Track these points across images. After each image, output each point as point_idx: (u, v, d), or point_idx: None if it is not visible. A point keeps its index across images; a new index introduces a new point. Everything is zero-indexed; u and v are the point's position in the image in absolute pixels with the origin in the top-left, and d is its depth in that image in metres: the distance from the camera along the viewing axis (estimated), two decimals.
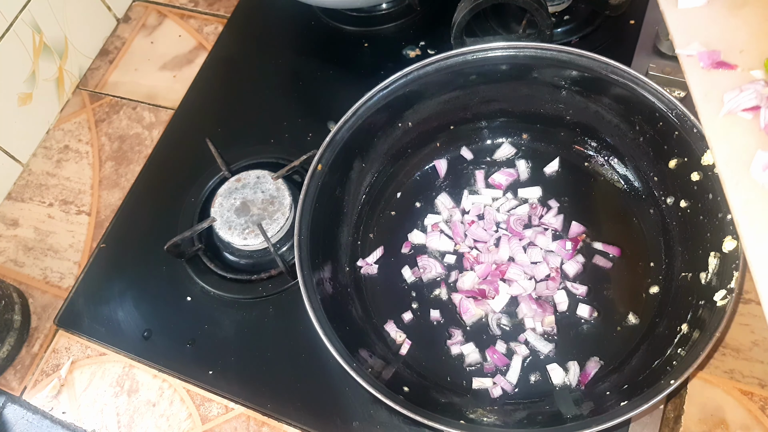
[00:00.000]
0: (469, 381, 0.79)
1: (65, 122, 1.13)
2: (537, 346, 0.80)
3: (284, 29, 1.14)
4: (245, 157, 1.00)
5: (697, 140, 0.73)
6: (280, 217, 0.90)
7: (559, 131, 0.90)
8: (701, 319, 0.69)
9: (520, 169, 0.91)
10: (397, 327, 0.84)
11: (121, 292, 0.94)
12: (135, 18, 1.23)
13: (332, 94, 1.05)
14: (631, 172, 0.87)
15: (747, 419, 0.75)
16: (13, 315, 0.93)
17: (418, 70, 0.83)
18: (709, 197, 0.73)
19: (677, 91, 0.91)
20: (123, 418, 0.87)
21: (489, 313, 0.82)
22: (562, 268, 0.83)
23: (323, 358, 0.79)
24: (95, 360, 0.92)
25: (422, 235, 0.88)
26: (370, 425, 0.79)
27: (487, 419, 0.75)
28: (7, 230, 1.05)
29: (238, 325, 0.89)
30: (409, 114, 0.88)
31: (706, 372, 0.78)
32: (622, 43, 0.98)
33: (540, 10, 0.87)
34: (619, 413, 0.65)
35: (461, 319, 0.82)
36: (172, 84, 1.13)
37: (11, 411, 0.90)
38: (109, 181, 1.06)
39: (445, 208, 0.90)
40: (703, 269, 0.73)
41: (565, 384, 0.77)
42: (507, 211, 0.89)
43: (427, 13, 1.09)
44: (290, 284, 0.89)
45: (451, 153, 0.94)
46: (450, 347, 0.81)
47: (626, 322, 0.80)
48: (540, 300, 0.82)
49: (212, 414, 0.86)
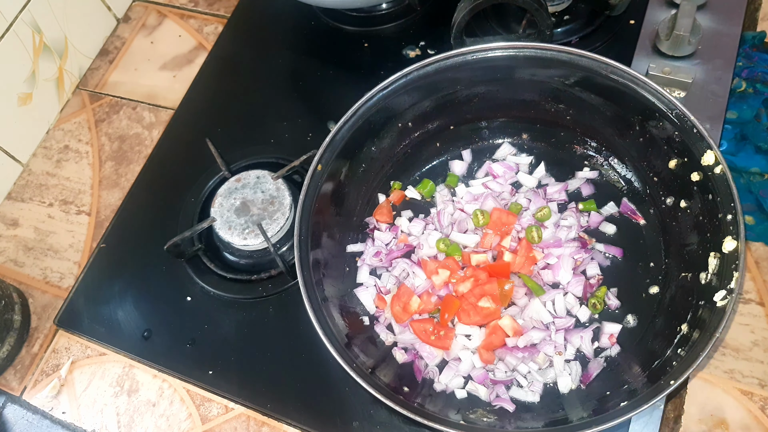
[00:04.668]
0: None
1: (65, 122, 1.13)
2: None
3: (284, 29, 1.14)
4: (245, 157, 1.00)
5: (697, 140, 0.73)
6: (280, 217, 0.90)
7: (559, 131, 0.90)
8: (701, 319, 0.69)
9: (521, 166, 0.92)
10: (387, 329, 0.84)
11: (121, 292, 0.94)
12: (135, 18, 1.23)
13: (332, 94, 1.05)
14: (631, 172, 0.87)
15: (747, 419, 0.75)
16: (13, 315, 0.93)
17: (418, 70, 0.83)
18: (709, 197, 0.73)
19: (677, 91, 0.91)
20: (123, 418, 0.87)
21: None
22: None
23: (323, 358, 0.79)
24: (95, 360, 0.92)
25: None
26: (370, 425, 0.79)
27: (486, 419, 0.75)
28: (7, 230, 1.05)
29: (238, 325, 0.89)
30: (409, 114, 0.88)
31: (706, 372, 0.78)
32: (622, 43, 0.98)
33: (540, 10, 0.87)
34: (619, 413, 0.65)
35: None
36: (172, 84, 1.13)
37: (11, 411, 0.90)
38: (109, 181, 1.06)
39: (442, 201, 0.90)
40: (703, 269, 0.73)
41: (572, 390, 0.77)
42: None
43: (427, 13, 1.09)
44: (290, 284, 0.89)
45: (451, 153, 0.94)
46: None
47: (626, 322, 0.80)
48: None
49: (212, 414, 0.86)
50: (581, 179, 0.89)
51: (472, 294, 0.80)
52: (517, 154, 0.93)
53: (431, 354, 0.80)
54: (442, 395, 0.78)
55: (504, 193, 0.89)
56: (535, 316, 0.80)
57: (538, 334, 0.78)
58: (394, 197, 0.92)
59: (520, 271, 0.82)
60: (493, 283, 0.80)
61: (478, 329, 0.80)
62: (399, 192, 0.92)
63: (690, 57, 0.94)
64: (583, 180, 0.89)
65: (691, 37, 0.91)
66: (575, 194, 0.89)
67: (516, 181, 0.91)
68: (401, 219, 0.90)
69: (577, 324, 0.80)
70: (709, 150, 0.72)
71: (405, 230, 0.89)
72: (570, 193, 0.89)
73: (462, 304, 0.80)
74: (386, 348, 0.82)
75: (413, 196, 0.92)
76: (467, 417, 0.75)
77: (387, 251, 0.87)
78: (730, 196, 0.70)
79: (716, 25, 0.95)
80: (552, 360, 0.77)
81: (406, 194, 0.92)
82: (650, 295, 0.81)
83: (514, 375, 0.78)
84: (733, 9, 0.96)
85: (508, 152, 0.92)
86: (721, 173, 0.71)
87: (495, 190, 0.89)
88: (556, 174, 0.90)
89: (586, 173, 0.89)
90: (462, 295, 0.80)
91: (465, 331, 0.80)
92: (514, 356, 0.78)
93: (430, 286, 0.83)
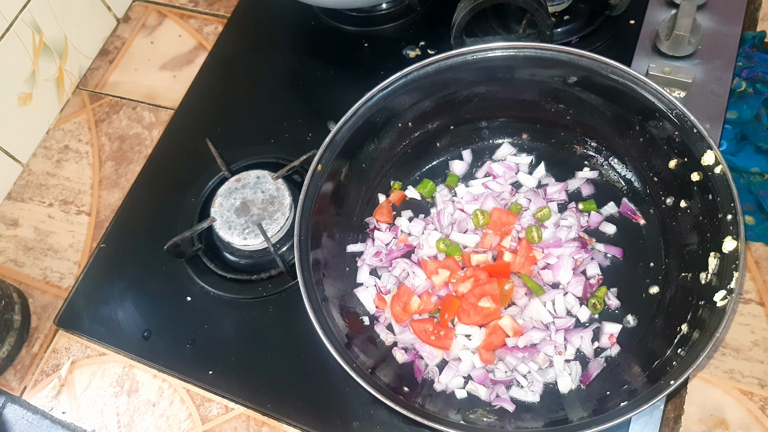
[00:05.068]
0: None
1: (65, 122, 1.13)
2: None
3: (284, 29, 1.14)
4: (245, 157, 1.00)
5: (697, 140, 0.73)
6: (280, 217, 0.90)
7: (559, 131, 0.90)
8: (701, 319, 0.69)
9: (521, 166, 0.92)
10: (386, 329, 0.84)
11: (121, 292, 0.94)
12: (135, 18, 1.23)
13: (332, 94, 1.05)
14: (631, 172, 0.87)
15: (747, 419, 0.75)
16: (13, 315, 0.93)
17: (418, 70, 0.83)
18: (709, 197, 0.73)
19: (677, 91, 0.91)
20: (123, 418, 0.87)
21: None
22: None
23: (323, 358, 0.79)
24: (95, 360, 0.92)
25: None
26: (370, 425, 0.79)
27: (486, 419, 0.75)
28: (7, 230, 1.05)
29: (238, 325, 0.89)
30: (409, 114, 0.88)
31: (706, 372, 0.78)
32: (622, 43, 0.98)
33: (540, 10, 0.87)
34: (619, 413, 0.65)
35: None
36: (172, 84, 1.13)
37: (11, 411, 0.90)
38: (109, 181, 1.06)
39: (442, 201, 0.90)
40: (703, 269, 0.73)
41: (572, 390, 0.77)
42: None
43: (427, 13, 1.09)
44: (290, 284, 0.89)
45: (451, 153, 0.94)
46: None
47: (626, 322, 0.80)
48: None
49: (212, 414, 0.86)
50: (581, 179, 0.89)
51: (472, 294, 0.80)
52: (517, 154, 0.93)
53: (431, 354, 0.80)
54: (442, 395, 0.78)
55: (504, 193, 0.89)
56: (535, 316, 0.80)
57: (538, 334, 0.78)
58: (394, 197, 0.92)
59: (520, 271, 0.82)
60: (493, 283, 0.80)
61: (478, 329, 0.80)
62: (399, 192, 0.92)
63: (690, 57, 0.94)
64: (583, 180, 0.89)
65: (691, 37, 0.91)
66: (575, 194, 0.89)
67: (516, 181, 0.91)
68: (401, 219, 0.90)
69: (577, 324, 0.80)
70: (709, 150, 0.72)
71: (405, 230, 0.89)
72: (570, 193, 0.89)
73: (462, 304, 0.80)
74: (386, 348, 0.82)
75: (413, 196, 0.92)
76: (467, 417, 0.75)
77: (387, 251, 0.87)
78: (730, 196, 0.70)
79: (716, 25, 0.95)
80: (552, 360, 0.77)
81: (406, 194, 0.92)
82: (650, 295, 0.81)
83: (514, 375, 0.78)
84: (733, 9, 0.96)
85: (508, 152, 0.92)
86: (721, 173, 0.71)
87: (495, 190, 0.89)
88: (556, 174, 0.90)
89: (586, 173, 0.89)
90: (462, 295, 0.80)
91: (465, 331, 0.80)
92: (514, 356, 0.78)
93: (430, 286, 0.83)
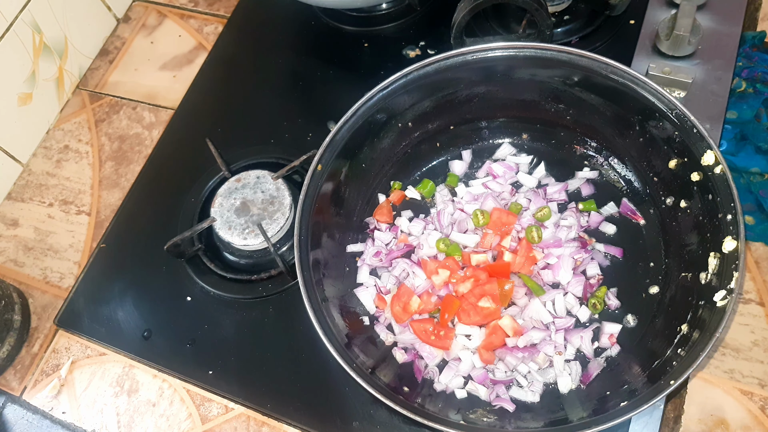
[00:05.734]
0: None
1: (65, 122, 1.13)
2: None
3: (284, 29, 1.14)
4: (245, 157, 1.00)
5: (697, 140, 0.73)
6: (280, 217, 0.90)
7: (559, 131, 0.90)
8: (701, 319, 0.69)
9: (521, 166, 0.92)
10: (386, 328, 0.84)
11: (121, 292, 0.94)
12: (135, 18, 1.23)
13: (332, 94, 1.05)
14: (631, 172, 0.87)
15: (747, 419, 0.75)
16: (13, 315, 0.93)
17: (418, 70, 0.83)
18: (709, 197, 0.73)
19: (677, 91, 0.91)
20: (123, 418, 0.87)
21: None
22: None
23: (323, 358, 0.79)
24: (95, 360, 0.92)
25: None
26: (370, 425, 0.79)
27: (486, 419, 0.75)
28: (7, 230, 1.05)
29: (238, 325, 0.89)
30: (409, 114, 0.88)
31: (706, 372, 0.78)
32: (622, 43, 0.98)
33: (540, 10, 0.87)
34: (619, 413, 0.65)
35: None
36: (172, 84, 1.13)
37: (11, 411, 0.90)
38: (109, 181, 1.06)
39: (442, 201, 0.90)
40: (703, 269, 0.73)
41: (572, 390, 0.77)
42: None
43: (427, 13, 1.09)
44: (290, 284, 0.89)
45: (451, 153, 0.94)
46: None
47: (626, 322, 0.80)
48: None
49: (212, 414, 0.86)
50: (581, 179, 0.89)
51: (472, 294, 0.80)
52: (517, 154, 0.93)
53: (431, 354, 0.80)
54: (442, 395, 0.78)
55: (504, 193, 0.89)
56: (535, 316, 0.80)
57: (538, 334, 0.78)
58: (394, 197, 0.92)
59: (520, 271, 0.82)
60: (493, 283, 0.80)
61: (478, 329, 0.80)
62: (399, 192, 0.92)
63: (690, 57, 0.94)
64: (583, 180, 0.89)
65: (691, 37, 0.91)
66: (575, 194, 0.89)
67: (516, 181, 0.91)
68: (401, 219, 0.90)
69: (577, 324, 0.80)
70: (709, 150, 0.72)
71: (405, 230, 0.89)
72: (570, 193, 0.89)
73: (462, 304, 0.80)
74: (386, 348, 0.82)
75: (413, 196, 0.92)
76: (467, 417, 0.75)
77: (387, 251, 0.87)
78: (730, 196, 0.70)
79: (716, 25, 0.95)
80: (552, 360, 0.77)
81: (406, 194, 0.92)
82: (650, 295, 0.81)
83: (514, 375, 0.78)
84: (733, 9, 0.96)
85: (508, 152, 0.92)
86: (721, 173, 0.71)
87: (495, 190, 0.89)
88: (556, 174, 0.90)
89: (586, 173, 0.89)
90: (462, 295, 0.80)
91: (465, 331, 0.80)
92: (514, 356, 0.78)
93: (430, 286, 0.83)
